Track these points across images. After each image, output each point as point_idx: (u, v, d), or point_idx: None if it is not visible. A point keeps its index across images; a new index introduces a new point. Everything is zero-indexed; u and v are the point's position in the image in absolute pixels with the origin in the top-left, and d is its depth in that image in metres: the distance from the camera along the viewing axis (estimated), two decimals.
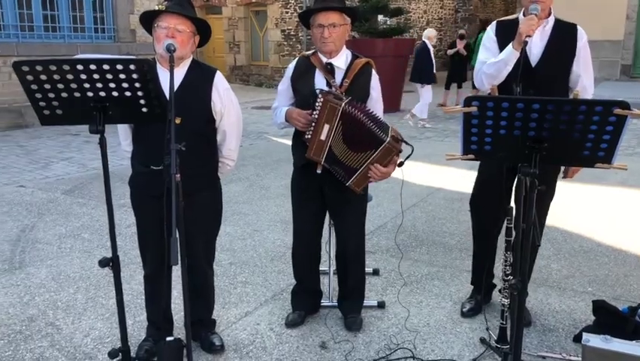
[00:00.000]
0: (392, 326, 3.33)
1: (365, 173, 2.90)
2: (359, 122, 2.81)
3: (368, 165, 2.87)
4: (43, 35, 10.46)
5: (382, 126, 2.87)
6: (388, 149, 2.82)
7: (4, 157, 7.81)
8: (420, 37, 11.77)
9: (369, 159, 2.86)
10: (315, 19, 2.92)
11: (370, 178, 2.91)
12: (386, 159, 2.85)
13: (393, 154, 2.85)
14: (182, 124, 2.56)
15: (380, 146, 2.82)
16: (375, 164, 2.86)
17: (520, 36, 2.84)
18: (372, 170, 2.87)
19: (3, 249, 4.51)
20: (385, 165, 2.87)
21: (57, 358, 3.01)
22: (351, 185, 2.94)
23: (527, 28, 2.82)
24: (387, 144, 2.81)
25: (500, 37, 3.10)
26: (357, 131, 2.84)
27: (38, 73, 2.21)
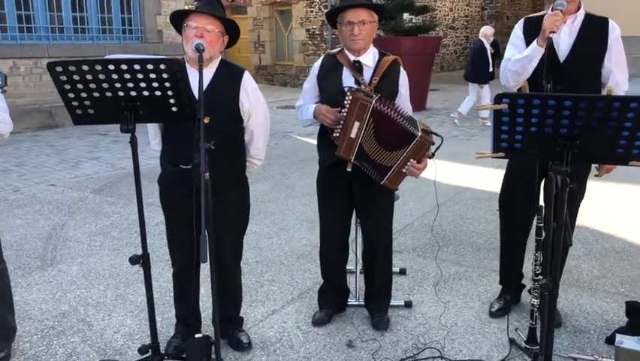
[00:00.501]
0: (419, 325, 3.31)
1: (399, 169, 2.89)
2: (390, 120, 2.81)
3: (402, 162, 2.86)
4: (72, 37, 10.65)
5: (412, 121, 2.86)
6: (421, 143, 2.81)
7: (35, 157, 7.98)
8: (446, 35, 11.67)
9: (403, 156, 2.85)
10: (344, 17, 2.91)
11: (406, 174, 2.89)
12: (419, 153, 2.84)
13: (426, 148, 2.84)
14: (211, 123, 2.57)
15: (412, 141, 2.81)
16: (410, 159, 2.85)
17: (544, 32, 2.80)
18: (408, 166, 2.86)
19: (35, 246, 4.61)
20: (419, 159, 2.86)
21: (88, 353, 3.07)
22: (386, 183, 2.94)
23: (551, 24, 2.77)
24: (419, 139, 2.80)
25: (528, 34, 3.06)
26: (389, 129, 2.83)
27: (71, 73, 2.25)
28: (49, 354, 3.06)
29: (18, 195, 6.05)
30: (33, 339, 3.20)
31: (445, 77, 19.70)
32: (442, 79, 18.57)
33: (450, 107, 12.83)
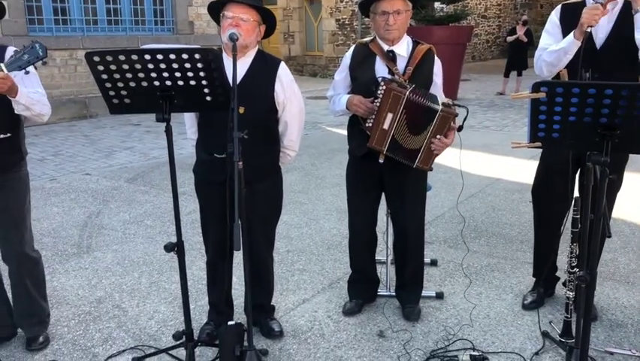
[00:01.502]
0: (451, 316, 3.29)
1: (428, 148, 2.87)
2: (419, 106, 2.78)
3: (429, 140, 2.84)
4: (106, 28, 10.81)
5: (432, 98, 2.83)
6: (444, 117, 2.79)
7: (70, 146, 8.15)
8: (477, 25, 11.49)
9: (429, 134, 2.83)
10: (379, 7, 2.88)
11: (435, 151, 2.87)
12: (444, 127, 2.82)
13: (450, 120, 2.81)
14: (245, 113, 2.59)
15: (435, 116, 2.78)
16: (437, 135, 2.82)
17: (581, 26, 2.71)
18: (434, 143, 2.84)
19: (72, 234, 4.72)
20: (445, 134, 2.84)
21: (123, 338, 3.13)
22: (419, 165, 2.92)
23: (590, 18, 2.68)
24: (441, 112, 2.78)
25: (565, 22, 2.98)
26: (419, 116, 2.81)
27: (108, 63, 2.28)
28: (86, 339, 3.14)
29: (54, 184, 6.20)
30: (71, 324, 3.29)
31: (476, 67, 19.43)
32: (473, 69, 18.32)
33: (481, 98, 12.67)
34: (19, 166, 2.90)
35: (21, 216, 2.92)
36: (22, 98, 2.63)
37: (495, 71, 16.86)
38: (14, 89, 2.59)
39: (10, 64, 2.51)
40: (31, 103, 2.68)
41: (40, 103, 2.74)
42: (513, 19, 21.30)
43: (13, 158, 2.85)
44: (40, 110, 2.74)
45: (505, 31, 18.07)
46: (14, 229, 2.91)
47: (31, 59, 2.52)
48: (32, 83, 2.75)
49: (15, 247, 2.94)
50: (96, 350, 3.03)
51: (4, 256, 2.98)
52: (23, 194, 2.93)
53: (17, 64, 2.51)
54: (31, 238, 3.03)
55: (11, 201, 2.87)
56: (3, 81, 2.49)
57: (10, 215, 2.88)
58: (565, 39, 2.85)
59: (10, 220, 2.89)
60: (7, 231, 2.91)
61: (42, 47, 2.53)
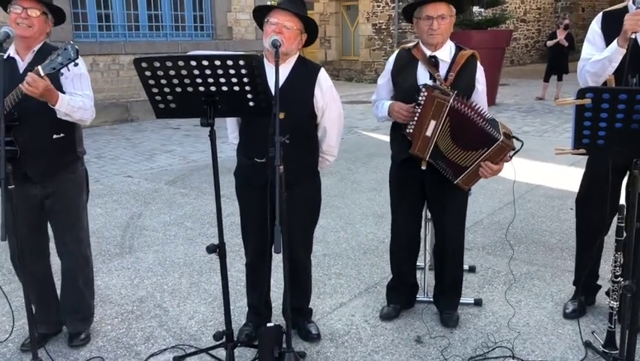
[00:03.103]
0: (489, 324, 3.26)
1: (475, 171, 2.85)
2: (467, 119, 2.77)
3: (479, 164, 2.82)
4: (147, 34, 11.06)
5: (493, 123, 2.80)
6: (502, 147, 2.75)
7: (113, 149, 8.37)
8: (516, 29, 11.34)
9: (481, 158, 2.80)
10: (423, 11, 2.88)
11: (481, 176, 2.86)
12: (498, 157, 2.79)
13: (507, 152, 2.78)
14: (285, 118, 2.62)
15: (493, 144, 2.75)
16: (487, 162, 2.80)
17: (625, 33, 2.64)
18: (483, 168, 2.82)
19: (114, 234, 4.85)
20: (497, 162, 2.81)
21: (165, 337, 3.20)
22: (460, 183, 2.91)
23: (633, 24, 2.60)
24: (500, 143, 2.74)
25: (607, 30, 2.89)
26: (466, 128, 2.79)
27: (156, 69, 2.35)
28: (128, 337, 3.22)
29: (98, 186, 6.37)
30: (114, 322, 3.38)
31: (515, 71, 19.14)
32: (511, 73, 18.06)
33: (520, 103, 12.48)
34: (75, 167, 2.98)
35: (77, 217, 3.02)
36: (62, 106, 2.70)
37: (534, 76, 16.58)
38: (54, 96, 2.65)
39: (45, 66, 2.58)
40: (72, 110, 2.74)
41: (81, 109, 2.79)
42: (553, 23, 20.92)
43: (68, 158, 2.93)
44: (80, 116, 2.80)
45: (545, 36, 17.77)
46: (70, 228, 3.01)
47: (63, 60, 2.58)
48: (82, 85, 2.84)
49: (70, 245, 3.04)
50: (138, 348, 3.11)
51: (59, 253, 3.08)
52: (79, 194, 3.02)
53: (51, 66, 2.57)
54: (87, 237, 3.13)
55: (67, 202, 2.96)
56: (35, 84, 2.54)
57: (67, 215, 2.98)
58: (608, 47, 2.78)
59: (67, 221, 2.99)
60: (64, 231, 3.01)
61: (74, 49, 2.58)
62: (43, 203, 2.93)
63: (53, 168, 2.87)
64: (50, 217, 3.00)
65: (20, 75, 2.70)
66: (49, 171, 2.86)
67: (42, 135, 2.80)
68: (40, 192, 2.88)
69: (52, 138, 2.82)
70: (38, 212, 2.94)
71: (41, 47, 2.81)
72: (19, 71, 2.75)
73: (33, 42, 2.79)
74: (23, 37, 2.72)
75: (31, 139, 2.74)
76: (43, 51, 2.78)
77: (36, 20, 2.73)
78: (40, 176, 2.85)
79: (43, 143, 2.80)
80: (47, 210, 2.96)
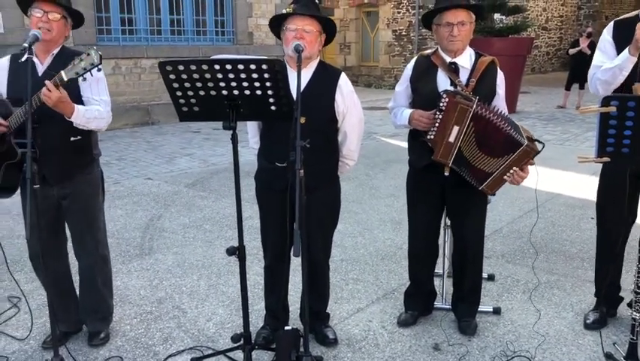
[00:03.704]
0: (508, 332, 3.23)
1: (501, 176, 2.83)
2: (491, 124, 2.76)
3: (505, 169, 2.80)
4: (169, 38, 11.18)
5: (516, 128, 2.80)
6: (526, 152, 2.74)
7: (133, 151, 8.46)
8: (538, 36, 11.25)
9: (506, 163, 2.79)
10: (443, 18, 2.89)
11: (507, 181, 2.84)
12: (523, 161, 2.77)
13: (531, 156, 2.77)
14: (306, 123, 2.63)
15: (517, 149, 2.74)
16: (513, 167, 2.79)
17: (636, 42, 2.63)
18: (511, 174, 2.80)
19: (134, 236, 4.90)
20: (522, 167, 2.79)
21: (183, 339, 3.23)
22: (485, 188, 2.89)
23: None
24: (525, 147, 2.73)
25: (618, 39, 2.89)
26: (490, 133, 2.78)
27: (180, 72, 2.38)
28: (147, 337, 3.25)
29: (118, 187, 6.45)
30: (133, 322, 3.41)
31: (536, 79, 18.99)
32: (532, 81, 17.91)
33: (541, 111, 12.38)
34: (91, 168, 3.04)
35: (93, 217, 3.07)
36: (77, 118, 2.74)
37: (555, 84, 16.43)
38: (68, 108, 2.69)
39: (68, 71, 2.61)
40: (87, 122, 2.79)
41: (97, 119, 2.83)
42: (575, 31, 20.72)
43: (84, 160, 2.98)
44: (96, 125, 2.85)
45: (567, 44, 17.62)
46: (88, 228, 3.06)
47: (86, 65, 2.60)
48: (100, 90, 2.88)
49: (88, 246, 3.08)
50: (157, 348, 3.13)
51: (76, 253, 3.13)
52: (95, 195, 3.07)
53: (75, 70, 2.60)
54: (104, 237, 3.17)
55: (83, 203, 3.01)
56: (49, 93, 2.58)
57: (83, 216, 3.03)
58: (619, 56, 2.77)
59: (84, 221, 3.04)
60: (81, 231, 3.06)
61: (97, 54, 2.60)
62: (60, 203, 2.98)
63: (70, 169, 2.92)
64: (67, 218, 3.04)
65: (40, 78, 2.75)
66: (67, 172, 2.91)
67: (60, 138, 2.84)
68: (57, 192, 2.93)
69: (69, 140, 2.86)
70: (56, 213, 2.99)
71: (60, 50, 2.86)
72: (39, 74, 2.79)
73: (52, 46, 2.84)
74: (43, 40, 2.76)
75: (49, 141, 2.78)
76: (62, 55, 2.83)
77: (56, 24, 2.78)
78: (57, 177, 2.90)
79: (61, 145, 2.84)
80: (64, 211, 3.01)
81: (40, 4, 2.74)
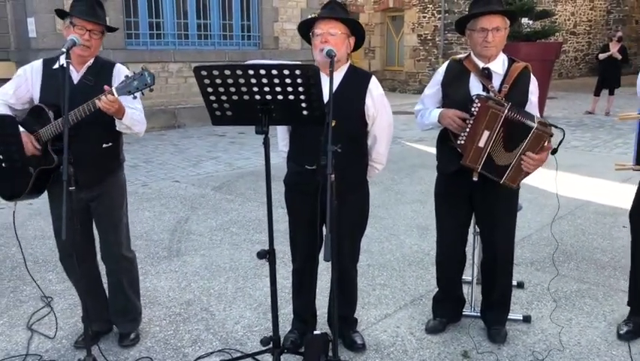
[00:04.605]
0: (539, 341, 3.19)
1: (518, 165, 2.82)
2: (519, 126, 2.74)
3: (520, 156, 2.79)
4: (196, 42, 11.30)
5: (528, 115, 2.78)
6: (538, 135, 2.74)
7: (160, 154, 8.56)
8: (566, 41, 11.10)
9: (520, 150, 2.78)
10: (477, 23, 2.86)
11: (525, 169, 2.82)
12: (537, 146, 2.76)
13: (545, 140, 2.75)
14: (337, 126, 2.62)
15: (529, 133, 2.73)
16: (527, 152, 2.77)
17: None
18: (524, 160, 2.79)
19: (162, 238, 4.95)
20: (538, 152, 2.77)
21: (211, 341, 3.25)
22: (506, 182, 2.87)
23: None
24: (535, 130, 2.73)
25: None
26: (515, 133, 2.77)
27: (214, 77, 2.41)
28: (176, 338, 3.28)
29: (146, 189, 6.53)
30: (162, 323, 3.45)
31: (563, 84, 18.73)
32: (559, 86, 17.67)
33: (569, 117, 12.20)
34: (118, 172, 3.12)
35: (119, 218, 3.12)
36: (126, 119, 2.84)
37: (583, 89, 16.20)
38: (122, 111, 2.80)
39: (120, 89, 2.71)
40: (132, 124, 2.89)
41: (139, 123, 2.94)
42: (604, 35, 20.40)
43: (113, 164, 3.07)
44: (138, 129, 2.96)
45: (596, 48, 17.35)
46: (113, 230, 3.11)
47: (139, 85, 2.71)
48: (134, 100, 2.93)
49: (113, 247, 3.13)
50: (186, 350, 3.16)
51: (103, 255, 3.18)
52: (121, 197, 3.14)
53: (127, 89, 2.71)
54: (128, 239, 3.22)
55: (110, 204, 3.08)
56: (111, 104, 2.70)
57: (109, 217, 3.08)
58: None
59: (110, 222, 3.09)
60: (107, 232, 3.11)
61: (150, 75, 2.72)
62: (88, 206, 3.04)
63: (101, 174, 3.01)
64: (95, 220, 3.11)
65: (74, 86, 2.82)
66: (98, 176, 2.99)
67: (94, 144, 2.93)
68: (85, 195, 2.99)
69: (102, 146, 2.96)
70: (85, 215, 3.05)
71: (94, 60, 2.94)
72: (74, 82, 2.86)
73: (89, 58, 2.92)
74: (81, 55, 2.84)
75: (84, 148, 2.85)
76: (97, 64, 2.94)
77: (95, 42, 2.86)
78: (89, 181, 2.96)
79: (94, 151, 2.93)
80: (92, 212, 3.07)
81: (84, 23, 2.79)
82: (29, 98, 2.96)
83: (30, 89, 2.94)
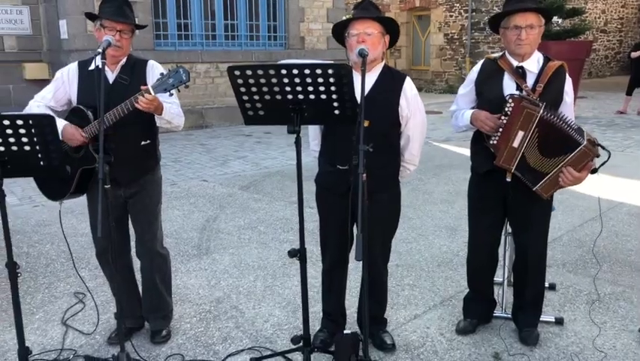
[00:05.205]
0: (572, 344, 3.14)
1: (555, 178, 2.77)
2: (556, 129, 2.70)
3: (560, 169, 2.74)
4: (223, 43, 11.39)
5: (578, 129, 2.72)
6: (585, 153, 2.68)
7: (188, 154, 8.65)
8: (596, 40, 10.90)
9: (562, 163, 2.73)
10: (511, 21, 2.84)
11: (561, 183, 2.77)
12: (581, 163, 2.71)
13: (589, 159, 2.69)
14: (370, 126, 2.63)
15: (576, 149, 2.68)
16: (568, 167, 2.72)
17: None
18: (564, 174, 2.74)
19: (192, 236, 5.00)
20: (579, 169, 2.72)
21: (241, 339, 3.27)
22: (539, 190, 2.83)
23: None
24: (583, 147, 2.67)
25: None
26: (553, 137, 2.73)
27: (247, 77, 2.43)
28: (207, 336, 3.31)
29: (175, 188, 6.61)
30: (192, 321, 3.49)
31: (593, 83, 18.39)
32: (589, 86, 17.35)
33: (599, 116, 11.98)
34: (155, 170, 3.16)
35: (154, 215, 3.17)
36: (166, 114, 2.89)
37: (614, 89, 15.90)
38: (160, 108, 2.85)
39: (156, 87, 2.76)
40: (172, 117, 2.94)
41: (178, 116, 2.99)
42: (636, 33, 20.01)
43: (151, 162, 3.13)
44: (177, 122, 3.00)
45: (628, 47, 17.01)
46: (148, 227, 3.16)
47: (175, 82, 2.76)
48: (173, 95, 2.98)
49: (148, 244, 3.18)
50: (216, 347, 3.19)
51: (137, 252, 3.23)
52: (157, 195, 3.19)
53: (163, 87, 2.76)
54: (161, 236, 3.27)
55: (147, 202, 3.13)
56: (150, 103, 2.75)
57: (146, 214, 3.14)
58: None
59: (146, 219, 3.15)
60: (143, 229, 3.17)
61: (186, 72, 2.76)
62: (126, 203, 3.10)
63: (139, 171, 3.06)
64: (132, 216, 3.16)
65: (110, 86, 2.88)
66: (136, 174, 3.05)
67: (133, 142, 2.98)
68: (124, 192, 3.05)
69: (140, 144, 3.01)
70: (121, 212, 3.11)
71: (127, 58, 3.00)
72: (109, 82, 2.92)
73: (121, 57, 2.97)
74: (114, 55, 2.90)
75: (123, 146, 2.92)
76: (129, 62, 3.00)
77: (126, 41, 2.92)
78: (127, 179, 3.03)
79: (132, 149, 2.98)
80: (129, 209, 3.13)
81: (114, 24, 2.85)
82: (68, 100, 3.05)
83: (68, 91, 3.03)
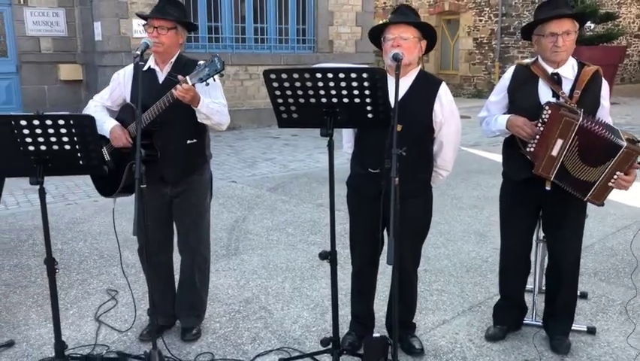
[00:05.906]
0: (605, 354, 3.09)
1: (605, 183, 2.74)
2: (595, 136, 2.67)
3: (608, 175, 2.71)
4: (253, 46, 11.48)
5: (615, 131, 2.70)
6: (628, 153, 2.64)
7: (217, 155, 8.70)
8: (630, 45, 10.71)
9: (608, 169, 2.70)
10: (546, 28, 2.81)
11: (613, 187, 2.74)
12: (626, 164, 2.67)
13: (634, 158, 2.66)
14: (403, 131, 2.63)
15: (617, 152, 2.65)
16: (617, 172, 2.69)
17: None
18: (615, 180, 2.71)
19: (221, 236, 5.06)
20: (627, 171, 2.69)
21: (270, 339, 3.30)
22: (590, 198, 2.80)
23: None
24: (625, 149, 2.64)
25: None
26: (594, 145, 2.70)
27: (283, 80, 2.46)
28: (236, 335, 3.35)
29: None
30: (222, 320, 3.53)
31: (626, 89, 18.03)
32: (622, 92, 17.01)
33: (633, 123, 11.73)
34: (203, 169, 3.21)
35: (201, 216, 3.22)
36: (203, 107, 2.92)
37: None
38: (197, 99, 2.87)
39: (193, 76, 2.80)
40: (211, 113, 2.96)
41: (219, 113, 3.01)
42: None
43: (198, 161, 3.17)
44: (218, 119, 3.02)
45: None
46: (194, 226, 3.21)
47: (210, 71, 2.80)
48: (216, 94, 3.04)
49: (193, 243, 3.23)
50: (245, 347, 3.22)
51: (180, 249, 3.28)
52: (204, 194, 3.23)
53: (199, 76, 2.80)
54: (207, 236, 3.31)
55: (194, 202, 3.18)
56: (186, 92, 2.79)
57: (191, 214, 3.18)
58: None
59: (191, 219, 3.19)
60: (187, 228, 3.21)
61: (220, 61, 2.79)
62: (172, 201, 3.15)
63: (186, 170, 3.10)
64: (176, 215, 3.20)
65: (160, 85, 2.94)
66: (183, 173, 3.10)
67: (178, 140, 3.04)
68: (170, 190, 3.11)
69: (186, 143, 3.06)
70: (167, 209, 3.16)
71: (177, 58, 3.05)
72: (159, 81, 2.99)
73: (167, 55, 3.03)
74: (156, 52, 2.96)
75: (168, 144, 2.98)
76: (180, 62, 3.04)
77: (165, 38, 2.96)
78: (174, 177, 3.09)
79: (178, 147, 3.03)
80: (175, 208, 3.17)
81: (151, 21, 2.93)
82: (123, 100, 3.14)
83: (123, 92, 3.13)
